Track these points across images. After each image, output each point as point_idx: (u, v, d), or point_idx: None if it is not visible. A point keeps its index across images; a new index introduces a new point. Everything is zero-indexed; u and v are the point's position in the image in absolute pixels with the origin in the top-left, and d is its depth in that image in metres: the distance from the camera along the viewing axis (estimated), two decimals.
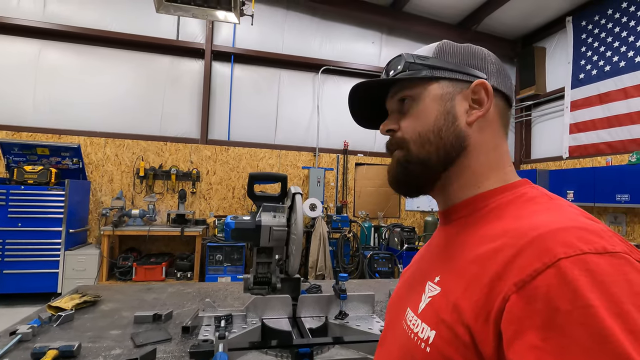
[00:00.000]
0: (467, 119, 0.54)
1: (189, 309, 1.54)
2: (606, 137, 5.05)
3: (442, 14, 6.06)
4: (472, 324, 0.41)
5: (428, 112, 0.55)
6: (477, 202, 0.54)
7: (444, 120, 0.55)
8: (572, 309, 0.34)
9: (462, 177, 0.56)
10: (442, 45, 0.58)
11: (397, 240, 5.28)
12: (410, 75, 0.57)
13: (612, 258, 0.37)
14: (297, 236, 1.28)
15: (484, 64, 0.57)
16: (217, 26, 5.62)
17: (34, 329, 1.22)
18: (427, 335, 0.47)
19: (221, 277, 4.72)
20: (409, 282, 0.63)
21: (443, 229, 0.60)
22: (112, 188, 5.15)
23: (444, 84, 0.56)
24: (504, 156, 0.57)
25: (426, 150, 0.55)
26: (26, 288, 4.16)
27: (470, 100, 0.55)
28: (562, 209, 0.47)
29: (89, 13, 5.16)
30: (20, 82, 4.95)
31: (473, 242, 0.49)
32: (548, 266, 0.37)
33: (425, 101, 0.56)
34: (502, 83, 0.57)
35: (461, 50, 0.58)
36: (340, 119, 6.08)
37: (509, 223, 0.46)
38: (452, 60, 0.57)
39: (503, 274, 0.40)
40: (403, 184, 0.59)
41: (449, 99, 0.55)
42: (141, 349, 1.15)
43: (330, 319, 1.34)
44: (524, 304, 0.37)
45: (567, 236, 0.39)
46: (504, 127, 0.58)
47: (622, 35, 4.91)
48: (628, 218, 4.76)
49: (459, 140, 0.54)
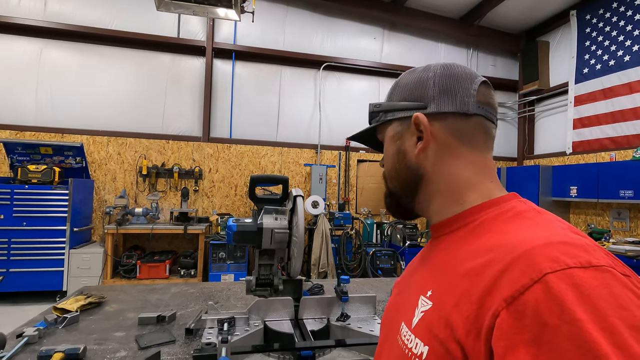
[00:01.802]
0: (414, 151, 0.59)
1: (193, 310, 1.56)
2: (610, 133, 5.00)
3: (445, 9, 5.99)
4: (463, 340, 0.42)
5: (388, 153, 0.65)
6: (464, 218, 0.55)
7: (397, 157, 0.62)
8: (560, 324, 0.35)
9: (435, 200, 0.59)
10: (396, 84, 0.65)
11: (399, 237, 5.29)
12: (369, 127, 0.67)
13: (597, 272, 0.37)
14: (298, 238, 1.28)
15: (423, 92, 0.59)
16: (218, 23, 5.60)
17: (40, 331, 1.24)
18: (420, 351, 0.47)
19: (224, 274, 4.76)
20: (402, 293, 0.64)
21: (434, 242, 0.61)
22: (115, 186, 5.18)
23: (395, 124, 0.62)
24: (481, 171, 0.57)
25: (394, 185, 0.64)
26: (32, 286, 4.21)
27: (417, 134, 0.59)
28: (550, 224, 0.47)
29: (90, 12, 5.16)
30: (22, 81, 4.96)
31: (462, 257, 0.50)
32: (535, 281, 0.37)
33: (386, 143, 0.65)
34: (446, 102, 0.57)
35: (407, 85, 0.62)
36: (342, 115, 6.06)
37: (497, 238, 0.47)
38: (399, 98, 0.62)
39: (492, 289, 0.41)
40: (390, 211, 0.68)
41: (398, 138, 0.62)
42: (145, 351, 1.17)
43: (332, 320, 1.35)
44: (513, 319, 0.37)
45: (552, 251, 0.40)
46: (467, 144, 0.57)
47: (627, 29, 4.85)
48: (632, 214, 4.73)
49: (412, 172, 0.60)
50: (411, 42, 6.39)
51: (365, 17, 6.13)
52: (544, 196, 5.27)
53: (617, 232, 4.84)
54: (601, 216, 5.12)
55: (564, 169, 5.28)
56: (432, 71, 0.60)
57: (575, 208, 5.44)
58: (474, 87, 0.58)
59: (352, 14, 6.08)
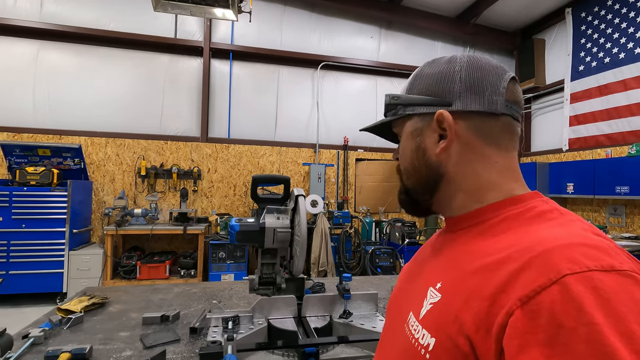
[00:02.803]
0: (436, 150, 0.56)
1: (196, 309, 1.57)
2: (606, 129, 5.05)
3: (441, 7, 6.02)
4: (472, 335, 0.41)
5: (405, 149, 0.61)
6: (483, 214, 0.54)
7: (415, 155, 0.59)
8: (576, 326, 0.34)
9: (455, 199, 0.57)
10: (416, 74, 0.60)
11: (398, 235, 5.31)
12: (385, 121, 0.63)
13: (619, 276, 0.36)
14: (301, 237, 1.30)
15: (448, 87, 0.55)
16: (215, 23, 5.59)
17: (46, 332, 1.25)
18: (427, 342, 0.47)
19: (224, 274, 4.76)
20: (410, 282, 0.64)
21: (448, 235, 0.60)
22: (114, 188, 5.18)
23: (416, 119, 0.59)
24: (504, 172, 0.55)
25: (411, 182, 0.61)
26: (32, 288, 4.20)
27: (439, 131, 0.56)
28: (572, 225, 0.46)
29: (87, 13, 5.14)
30: (19, 83, 4.94)
31: (477, 253, 0.49)
32: (553, 282, 0.37)
33: (403, 138, 0.62)
34: (473, 99, 0.54)
35: (431, 77, 0.57)
36: (340, 114, 6.08)
37: (515, 236, 0.46)
38: (421, 92, 0.58)
39: (507, 287, 0.40)
40: (405, 207, 0.65)
41: (418, 134, 0.58)
42: (151, 350, 1.18)
43: (335, 318, 1.37)
44: (528, 319, 0.37)
45: (573, 253, 0.39)
46: (493, 144, 0.54)
47: (622, 27, 4.89)
48: (628, 209, 4.78)
49: (432, 170, 0.57)
50: (408, 40, 6.41)
51: (362, 16, 6.15)
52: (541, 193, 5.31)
53: (614, 228, 4.89)
54: (597, 212, 5.16)
55: (561, 166, 5.32)
56: (458, 64, 0.56)
57: (572, 204, 5.49)
58: (503, 85, 0.54)
59: (349, 13, 6.10)
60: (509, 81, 0.55)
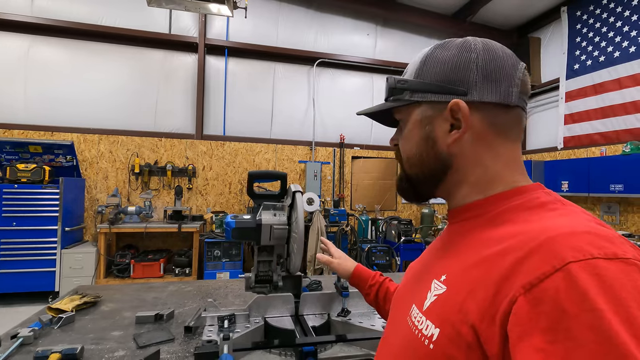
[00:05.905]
0: (447, 141, 0.54)
1: (190, 308, 1.54)
2: (600, 128, 5.08)
3: (437, 5, 6.01)
4: (477, 324, 0.41)
5: (411, 137, 0.59)
6: (486, 204, 0.54)
7: (424, 144, 0.57)
8: (580, 312, 0.34)
9: (461, 188, 0.57)
10: (426, 58, 0.57)
11: (394, 232, 5.31)
12: (389, 106, 0.59)
13: (623, 264, 0.36)
14: (298, 234, 1.27)
15: (465, 76, 0.53)
16: (210, 19, 5.53)
17: (35, 331, 1.22)
18: (431, 333, 0.47)
19: (220, 272, 4.73)
20: (415, 277, 0.63)
21: (451, 227, 0.60)
22: (107, 185, 5.11)
23: (425, 107, 0.56)
24: (510, 164, 0.55)
25: (415, 172, 0.59)
26: (23, 287, 4.14)
27: (451, 121, 0.54)
28: (575, 215, 0.46)
29: (79, 7, 5.05)
30: (10, 78, 4.85)
31: (481, 243, 0.49)
32: (557, 269, 0.37)
33: (409, 126, 0.59)
34: (489, 90, 0.52)
35: (444, 63, 0.54)
36: (336, 112, 6.05)
37: (519, 226, 0.46)
38: (433, 78, 0.55)
39: (511, 275, 0.40)
40: (404, 195, 0.64)
41: (428, 123, 0.56)
42: (145, 350, 1.15)
43: (333, 316, 1.35)
44: (531, 306, 0.37)
45: (577, 241, 0.39)
46: (502, 135, 0.54)
47: (617, 25, 4.91)
48: (622, 207, 4.81)
49: (441, 162, 0.56)
50: (404, 38, 6.39)
51: (358, 13, 6.12)
52: None
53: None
54: (592, 210, 5.20)
55: (556, 164, 5.35)
56: (474, 51, 0.53)
57: None
58: (519, 76, 0.53)
59: (345, 10, 6.06)
60: (523, 72, 0.54)
